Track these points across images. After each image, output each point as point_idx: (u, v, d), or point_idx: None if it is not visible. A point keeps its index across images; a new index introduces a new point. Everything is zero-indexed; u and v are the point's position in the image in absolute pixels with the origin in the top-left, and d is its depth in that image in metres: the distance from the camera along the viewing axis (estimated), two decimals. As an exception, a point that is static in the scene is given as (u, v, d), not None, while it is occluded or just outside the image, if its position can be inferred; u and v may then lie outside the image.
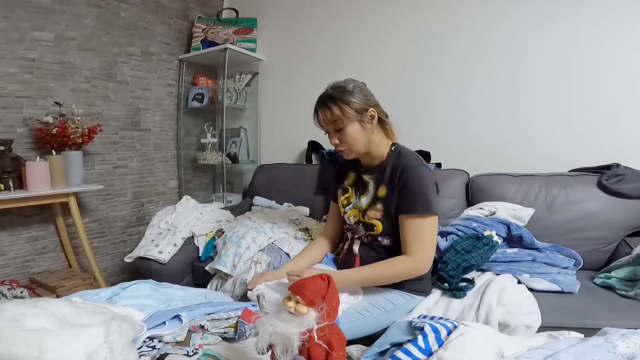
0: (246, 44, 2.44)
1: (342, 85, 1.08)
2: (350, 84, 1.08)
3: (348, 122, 1.05)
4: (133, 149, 2.27)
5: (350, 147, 1.09)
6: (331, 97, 1.06)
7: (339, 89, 1.07)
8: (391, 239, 1.11)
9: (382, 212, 1.09)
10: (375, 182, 1.13)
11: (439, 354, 0.72)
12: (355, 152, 1.11)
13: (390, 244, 1.11)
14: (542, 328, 0.98)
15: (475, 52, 1.87)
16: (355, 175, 1.21)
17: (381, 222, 1.10)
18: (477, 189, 1.68)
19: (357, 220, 1.16)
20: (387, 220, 1.09)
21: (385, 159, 1.13)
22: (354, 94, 1.05)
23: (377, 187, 1.12)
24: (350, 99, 1.04)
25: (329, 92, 1.08)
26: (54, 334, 0.64)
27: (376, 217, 1.10)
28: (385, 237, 1.11)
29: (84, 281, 1.80)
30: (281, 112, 2.51)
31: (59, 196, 1.74)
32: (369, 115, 1.07)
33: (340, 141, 1.09)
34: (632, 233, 1.44)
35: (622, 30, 1.57)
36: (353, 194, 1.20)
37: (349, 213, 1.19)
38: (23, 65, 1.76)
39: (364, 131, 1.07)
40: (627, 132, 1.58)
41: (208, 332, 0.90)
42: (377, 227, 1.11)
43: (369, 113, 1.07)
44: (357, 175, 1.20)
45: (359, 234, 1.17)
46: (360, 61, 2.17)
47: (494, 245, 1.26)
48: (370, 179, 1.15)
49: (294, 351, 0.56)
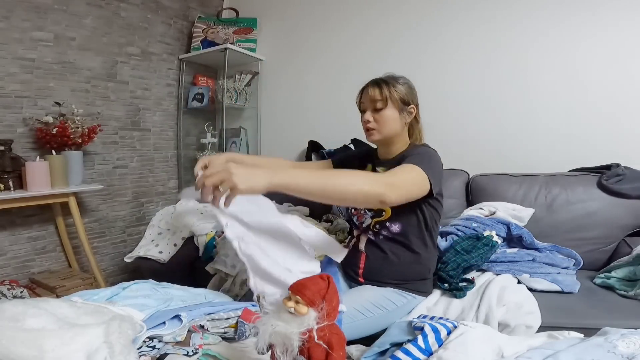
0: (246, 44, 2.44)
1: (397, 76, 1.16)
2: (403, 79, 1.16)
3: (390, 105, 1.12)
4: (133, 149, 2.27)
5: (380, 128, 1.13)
6: (385, 81, 1.13)
7: (393, 78, 1.15)
8: (401, 225, 1.10)
9: None
10: (386, 170, 1.14)
11: (439, 354, 0.72)
12: (382, 135, 1.15)
13: (399, 230, 1.10)
14: (542, 328, 0.98)
15: (476, 53, 1.87)
16: (371, 167, 1.24)
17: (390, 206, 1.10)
18: (477, 189, 1.68)
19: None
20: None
21: (400, 153, 1.16)
22: (405, 87, 1.13)
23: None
24: (401, 88, 1.13)
25: (384, 77, 1.15)
26: (54, 334, 0.64)
27: None
28: (394, 222, 1.11)
29: (84, 281, 1.80)
30: (281, 112, 2.51)
31: (59, 196, 1.74)
32: (409, 109, 1.14)
33: (374, 120, 1.14)
34: (632, 233, 1.44)
35: (622, 31, 1.57)
36: None
37: None
38: (23, 65, 1.76)
39: (399, 120, 1.13)
40: (627, 132, 1.59)
41: (208, 332, 0.90)
42: (385, 211, 1.11)
43: (410, 108, 1.14)
44: (372, 167, 1.23)
45: (365, 224, 1.17)
46: (361, 61, 2.17)
47: (494, 245, 1.26)
48: (382, 170, 1.17)
49: (294, 351, 0.56)
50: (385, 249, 1.12)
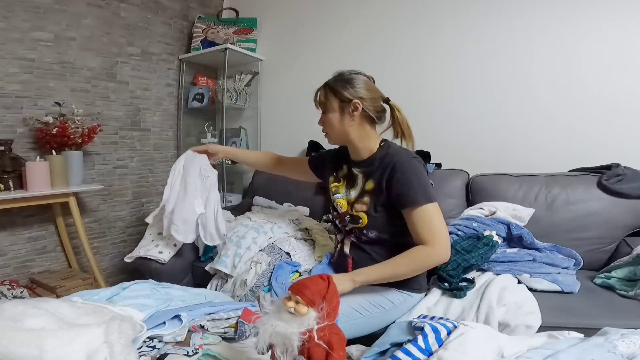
0: (246, 44, 2.44)
1: (342, 73, 1.13)
2: (350, 74, 1.12)
3: (330, 108, 1.12)
4: (133, 149, 2.27)
5: (329, 131, 1.16)
6: (326, 83, 1.14)
7: (337, 77, 1.13)
8: (376, 232, 1.11)
9: (367, 205, 1.10)
10: (363, 176, 1.14)
11: (439, 354, 0.72)
12: (332, 139, 1.18)
13: (375, 237, 1.11)
14: (542, 328, 0.98)
15: (476, 53, 1.87)
16: (346, 167, 1.22)
17: (367, 214, 1.10)
18: (477, 189, 1.68)
19: (345, 212, 1.17)
20: (372, 214, 1.10)
21: (374, 154, 1.14)
22: (346, 84, 1.09)
23: (365, 181, 1.13)
24: (338, 88, 1.10)
25: (330, 78, 1.15)
26: (54, 334, 0.64)
27: (362, 210, 1.11)
28: (370, 230, 1.11)
29: (84, 281, 1.80)
30: (281, 112, 2.51)
31: (59, 196, 1.74)
32: (352, 106, 1.09)
33: (323, 124, 1.17)
34: (632, 233, 1.44)
35: (622, 31, 1.57)
36: (344, 185, 1.21)
37: (337, 201, 1.20)
38: (23, 65, 1.76)
39: (341, 121, 1.11)
40: (627, 132, 1.58)
41: (208, 332, 0.90)
42: (362, 219, 1.11)
43: (352, 104, 1.08)
44: (348, 168, 1.22)
45: (347, 228, 1.18)
46: (360, 61, 2.16)
47: (494, 245, 1.27)
48: (359, 173, 1.16)
49: (294, 351, 0.56)
50: (369, 251, 1.12)
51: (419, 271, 1.06)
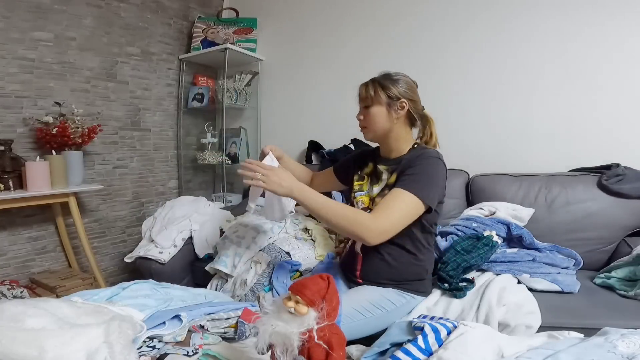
0: (246, 44, 2.44)
1: (389, 73, 1.17)
2: (396, 75, 1.16)
3: (377, 102, 1.13)
4: (133, 149, 2.27)
5: (369, 125, 1.16)
6: (374, 79, 1.16)
7: (384, 75, 1.16)
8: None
9: None
10: (389, 172, 1.15)
11: (439, 354, 0.72)
12: (372, 133, 1.18)
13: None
14: (542, 328, 0.98)
15: (475, 52, 1.87)
16: (372, 165, 1.23)
17: None
18: (477, 189, 1.68)
19: (366, 207, 1.16)
20: None
21: (403, 154, 1.15)
22: (394, 83, 1.13)
23: (389, 177, 1.13)
24: (387, 84, 1.13)
25: (377, 76, 1.17)
26: (54, 334, 0.64)
27: None
28: None
29: (84, 281, 1.80)
30: (281, 112, 2.51)
31: (59, 196, 1.74)
32: (399, 105, 1.12)
33: (364, 118, 1.17)
34: (632, 233, 1.44)
35: (621, 31, 1.57)
36: (368, 182, 1.22)
37: (358, 198, 1.20)
38: (23, 65, 1.76)
39: (387, 116, 1.13)
40: (627, 132, 1.58)
41: (208, 332, 0.90)
42: None
43: (400, 102, 1.12)
44: (374, 165, 1.23)
45: None
46: (360, 61, 2.16)
47: (494, 245, 1.26)
48: (384, 169, 1.17)
49: (294, 351, 0.56)
50: (381, 251, 1.11)
51: (343, 230, 1.02)
